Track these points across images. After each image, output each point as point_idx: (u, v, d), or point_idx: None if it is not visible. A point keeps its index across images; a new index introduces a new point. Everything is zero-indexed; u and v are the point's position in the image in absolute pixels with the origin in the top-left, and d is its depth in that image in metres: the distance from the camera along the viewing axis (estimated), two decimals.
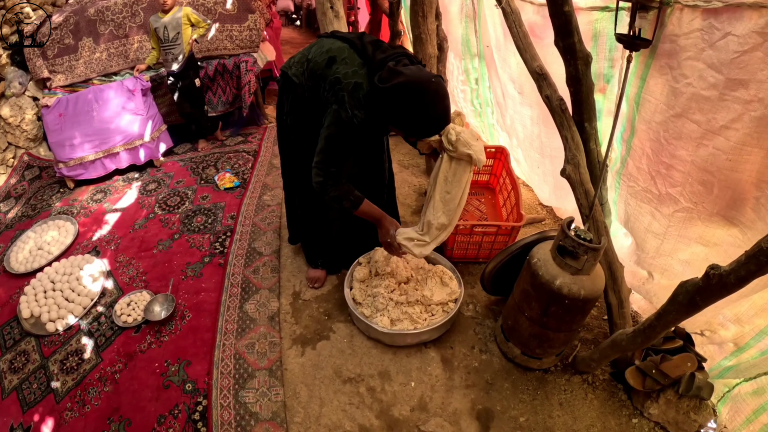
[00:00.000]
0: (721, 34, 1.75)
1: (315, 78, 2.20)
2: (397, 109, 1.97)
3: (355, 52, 2.15)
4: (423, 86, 1.92)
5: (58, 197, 4.20)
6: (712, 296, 1.56)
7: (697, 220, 2.14)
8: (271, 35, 5.50)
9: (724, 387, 2.20)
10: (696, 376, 2.10)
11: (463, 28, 3.93)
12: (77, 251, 3.47)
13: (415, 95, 1.91)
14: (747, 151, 1.82)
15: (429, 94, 1.92)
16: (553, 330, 2.25)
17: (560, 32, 2.00)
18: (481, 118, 4.44)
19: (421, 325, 2.54)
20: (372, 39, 2.23)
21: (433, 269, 2.81)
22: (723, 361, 2.22)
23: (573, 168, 2.24)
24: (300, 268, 3.12)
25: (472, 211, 3.57)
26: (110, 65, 4.66)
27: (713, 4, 1.74)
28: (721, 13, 1.73)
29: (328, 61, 2.15)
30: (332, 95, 2.11)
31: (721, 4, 1.71)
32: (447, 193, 2.35)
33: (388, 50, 2.14)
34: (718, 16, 1.75)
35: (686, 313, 1.71)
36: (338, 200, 2.26)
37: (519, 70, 2.99)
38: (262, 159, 4.54)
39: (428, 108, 1.94)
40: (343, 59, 2.13)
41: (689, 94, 1.94)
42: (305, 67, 2.25)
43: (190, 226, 3.62)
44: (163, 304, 2.90)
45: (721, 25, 1.75)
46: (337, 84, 2.09)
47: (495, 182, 3.72)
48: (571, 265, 2.06)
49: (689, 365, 2.11)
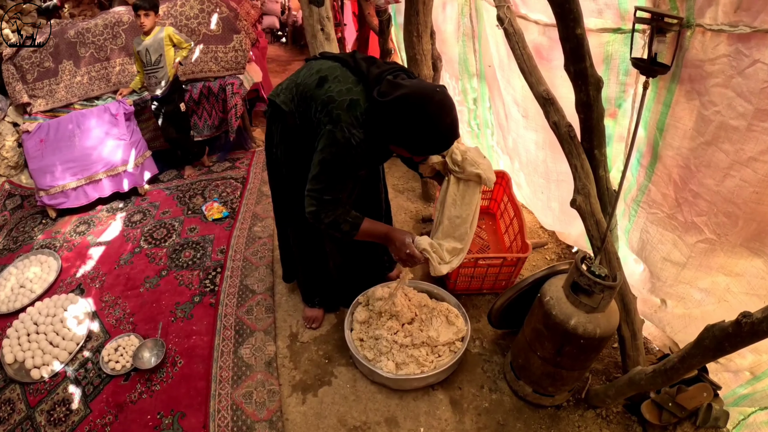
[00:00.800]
0: (749, 61, 1.65)
1: (305, 101, 2.00)
2: (400, 125, 1.79)
3: (348, 70, 1.98)
4: (427, 97, 1.75)
5: (41, 229, 4.04)
6: (743, 342, 1.49)
7: (720, 251, 2.06)
8: (257, 55, 5.38)
9: (739, 414, 2.14)
10: (713, 406, 2.05)
11: (460, 47, 3.82)
12: (60, 289, 3.32)
13: (419, 107, 1.74)
14: None
15: (434, 104, 1.75)
16: (567, 369, 2.17)
17: (571, 56, 1.89)
18: (479, 140, 4.34)
19: (428, 368, 2.43)
20: (365, 56, 2.07)
21: (438, 307, 2.69)
22: (738, 388, 2.15)
23: (583, 198, 2.14)
24: (296, 307, 2.98)
25: (473, 239, 3.42)
26: (92, 89, 4.51)
27: (740, 29, 1.63)
28: (749, 39, 1.63)
29: (319, 81, 1.97)
30: (325, 115, 1.91)
31: (749, 30, 1.61)
32: (457, 217, 2.17)
33: (383, 65, 1.99)
34: (745, 42, 1.65)
35: (712, 357, 1.65)
36: (335, 226, 2.03)
37: (524, 93, 2.88)
38: (251, 186, 4.39)
39: (435, 121, 1.76)
40: (335, 77, 1.95)
41: (718, 123, 1.84)
42: (294, 93, 2.06)
43: (178, 261, 3.47)
44: (153, 350, 2.75)
45: (749, 52, 1.64)
46: (330, 103, 1.89)
47: (495, 207, 3.62)
48: (585, 303, 1.98)
49: (705, 395, 2.04)
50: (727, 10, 1.66)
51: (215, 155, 5.01)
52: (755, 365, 2.05)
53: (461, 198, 2.15)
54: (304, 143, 2.09)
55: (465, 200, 2.15)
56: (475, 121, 4.20)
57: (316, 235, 2.48)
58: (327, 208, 1.99)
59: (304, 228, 2.47)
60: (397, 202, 3.93)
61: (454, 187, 2.16)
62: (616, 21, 2.18)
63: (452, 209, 2.17)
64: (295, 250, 2.67)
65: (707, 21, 1.75)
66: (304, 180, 2.07)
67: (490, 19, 3.08)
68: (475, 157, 2.10)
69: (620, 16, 2.14)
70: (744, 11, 1.61)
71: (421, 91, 1.76)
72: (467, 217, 2.17)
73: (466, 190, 2.15)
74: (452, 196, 2.16)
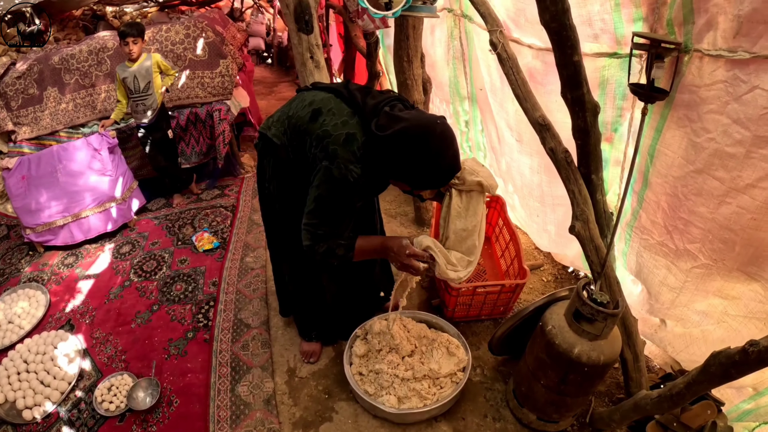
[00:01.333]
0: (748, 87, 1.64)
1: (299, 135, 1.95)
2: (401, 160, 1.74)
3: (343, 101, 1.93)
4: (429, 130, 1.71)
5: (28, 261, 3.96)
6: (749, 369, 1.47)
7: (717, 275, 2.06)
8: (244, 79, 5.35)
9: (743, 430, 2.12)
10: (717, 423, 2.03)
11: (450, 71, 3.82)
12: (50, 324, 3.25)
13: (421, 142, 1.70)
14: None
15: (436, 138, 1.71)
16: (571, 396, 2.15)
17: (569, 83, 1.87)
18: None
19: (430, 401, 2.39)
20: (359, 86, 2.03)
21: (438, 338, 2.64)
22: (741, 404, 2.14)
23: (582, 224, 2.12)
24: (292, 341, 2.92)
25: None
26: (77, 116, 4.41)
27: (739, 54, 1.63)
28: (748, 65, 1.62)
29: (313, 114, 1.91)
30: (321, 151, 1.85)
31: (749, 55, 1.60)
32: (463, 230, 2.11)
33: (378, 96, 1.95)
34: (744, 68, 1.64)
35: (718, 383, 1.63)
36: (330, 253, 1.96)
37: (517, 118, 2.86)
38: (241, 215, 4.34)
39: (438, 155, 1.72)
40: (329, 110, 1.90)
41: (712, 150, 1.84)
42: (287, 126, 2.01)
43: (170, 295, 3.40)
44: (147, 389, 2.68)
45: (747, 78, 1.63)
46: (326, 137, 1.83)
47: (491, 231, 3.59)
48: (588, 331, 1.96)
49: (709, 413, 2.01)
50: (726, 35, 1.66)
51: (204, 182, 4.96)
52: (758, 381, 2.04)
53: (465, 209, 2.11)
54: (297, 177, 2.05)
55: (470, 211, 2.10)
56: (467, 144, 4.19)
57: (312, 269, 2.43)
58: (321, 240, 1.94)
59: (299, 262, 2.43)
60: (389, 227, 3.90)
61: (457, 199, 2.10)
62: (612, 46, 2.19)
63: (457, 222, 2.11)
64: (291, 285, 2.62)
65: (705, 46, 1.75)
66: (298, 215, 2.02)
67: (480, 43, 3.07)
68: (474, 167, 2.07)
69: (616, 41, 2.15)
70: (743, 36, 1.61)
71: (422, 125, 1.72)
72: (474, 228, 2.12)
73: (470, 201, 2.11)
74: (456, 209, 2.11)
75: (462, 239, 2.12)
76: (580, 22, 2.15)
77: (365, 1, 2.40)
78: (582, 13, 2.18)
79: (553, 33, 1.74)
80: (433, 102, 4.09)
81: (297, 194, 2.07)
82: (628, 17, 2.05)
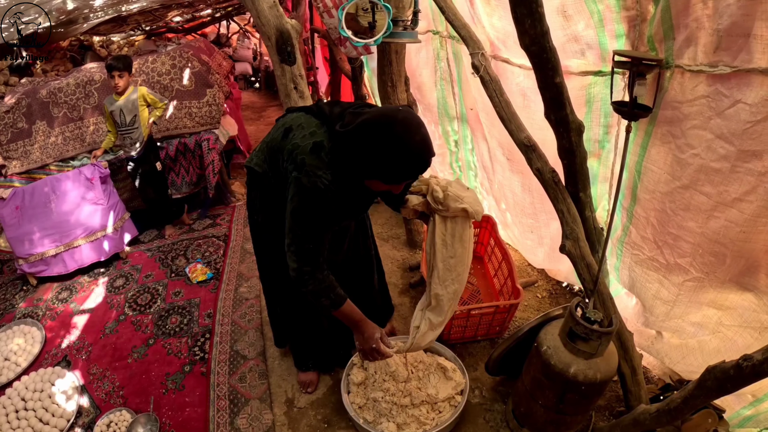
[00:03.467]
0: (730, 101, 1.66)
1: (274, 156, 1.94)
2: (367, 152, 1.67)
3: (312, 116, 1.91)
4: (391, 117, 1.65)
5: (22, 296, 3.94)
6: (744, 383, 1.49)
7: (709, 287, 2.09)
8: (231, 107, 5.37)
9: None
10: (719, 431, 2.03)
11: (439, 92, 3.83)
12: (46, 361, 3.23)
13: (383, 128, 1.64)
14: (762, 222, 1.77)
15: (399, 123, 1.63)
16: (570, 414, 2.16)
17: (552, 105, 1.88)
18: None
19: (429, 426, 2.38)
20: (330, 101, 2.04)
21: (434, 362, 2.63)
22: (742, 410, 2.14)
23: (572, 243, 2.13)
24: (290, 370, 2.90)
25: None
26: (67, 149, 4.41)
27: (720, 69, 1.65)
28: (729, 79, 1.65)
29: (284, 133, 1.90)
30: (290, 163, 1.82)
31: (729, 69, 1.62)
32: (451, 257, 2.10)
33: (345, 104, 1.94)
34: (725, 82, 1.66)
35: (715, 397, 1.66)
36: (316, 296, 1.93)
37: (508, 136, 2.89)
38: (234, 244, 4.34)
39: (403, 140, 1.62)
40: (299, 125, 1.89)
41: (697, 166, 1.86)
42: (266, 152, 2.00)
43: (165, 328, 3.39)
44: (146, 425, 2.66)
45: (729, 92, 1.66)
46: (294, 150, 1.81)
47: (483, 251, 3.60)
48: (583, 350, 1.98)
49: (710, 421, 2.03)
50: (706, 50, 1.68)
51: (195, 212, 4.96)
52: (756, 388, 2.03)
53: (451, 237, 2.09)
54: (282, 206, 2.01)
55: (456, 238, 2.09)
56: (457, 164, 4.20)
57: (305, 299, 2.40)
58: (309, 265, 1.89)
59: (291, 294, 2.43)
60: (382, 251, 3.84)
61: (441, 226, 2.09)
62: (597, 63, 2.20)
63: (444, 251, 2.10)
64: (284, 316, 2.62)
65: (686, 62, 1.77)
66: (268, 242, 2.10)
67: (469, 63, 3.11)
68: (458, 192, 2.04)
69: (601, 57, 2.16)
70: (723, 50, 1.63)
71: (384, 114, 1.69)
72: (462, 255, 2.11)
73: (455, 228, 2.09)
74: (441, 236, 2.09)
75: (451, 267, 2.12)
76: (566, 40, 2.19)
77: (346, 31, 2.42)
78: (567, 33, 2.20)
79: (534, 56, 1.75)
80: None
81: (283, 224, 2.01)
82: (611, 33, 2.07)
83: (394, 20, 2.52)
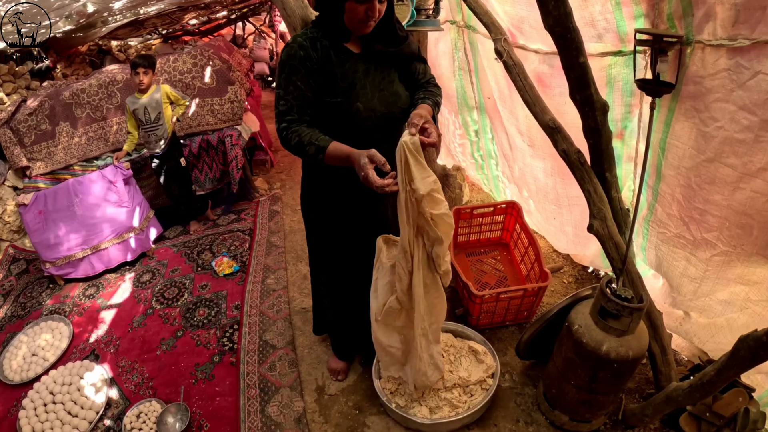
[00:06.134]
0: (750, 73, 1.70)
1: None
2: None
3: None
4: None
5: (48, 294, 4.00)
6: None
7: (737, 262, 2.11)
8: (252, 104, 5.43)
9: None
10: (750, 410, 2.04)
11: (457, 81, 3.87)
12: (74, 355, 3.27)
13: None
14: None
15: None
16: (603, 394, 2.18)
17: (576, 85, 1.91)
18: (483, 171, 4.37)
19: (462, 409, 2.41)
20: None
21: (465, 346, 2.66)
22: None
23: (600, 222, 2.15)
24: (319, 359, 2.94)
25: (489, 271, 3.45)
26: (90, 150, 4.47)
27: (739, 42, 1.69)
28: (749, 51, 1.68)
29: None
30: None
31: (749, 42, 1.65)
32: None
33: None
34: (745, 55, 1.70)
35: (749, 367, 1.66)
36: (301, 147, 1.85)
37: (528, 122, 2.91)
38: (259, 238, 4.38)
39: None
40: None
41: (721, 138, 1.89)
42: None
43: (193, 320, 3.43)
44: (177, 415, 2.69)
45: (749, 64, 1.69)
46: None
47: (508, 237, 3.62)
48: (615, 327, 1.99)
49: (740, 400, 2.05)
50: (725, 24, 1.72)
51: (219, 208, 5.02)
52: None
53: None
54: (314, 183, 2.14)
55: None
56: (478, 153, 4.23)
57: (349, 286, 2.44)
58: (282, 120, 1.89)
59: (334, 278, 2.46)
60: None
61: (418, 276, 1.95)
62: (616, 44, 2.25)
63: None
64: (330, 304, 2.64)
65: (706, 37, 1.81)
66: (318, 225, 2.16)
67: (486, 52, 3.11)
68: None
69: (620, 39, 2.21)
70: (742, 24, 1.67)
71: None
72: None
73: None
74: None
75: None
76: (583, 24, 2.23)
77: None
78: (584, 15, 2.24)
79: (558, 37, 1.78)
80: (442, 114, 4.13)
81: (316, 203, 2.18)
82: (629, 15, 2.11)
83: (417, 9, 2.57)
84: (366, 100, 1.91)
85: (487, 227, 3.61)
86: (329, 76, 1.89)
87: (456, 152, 4.57)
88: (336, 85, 1.89)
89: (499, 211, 3.50)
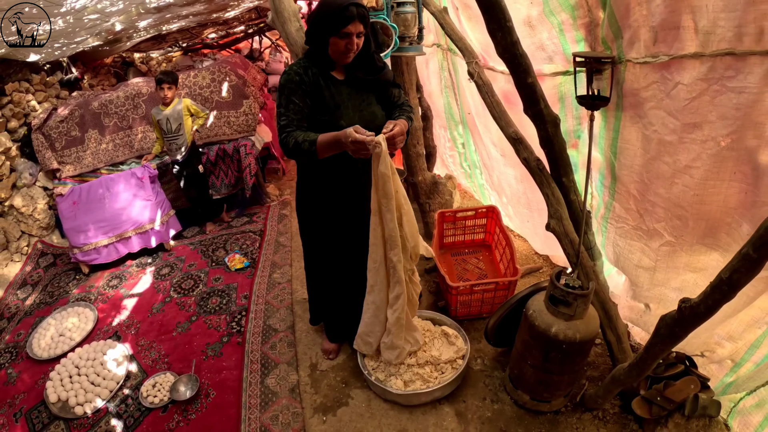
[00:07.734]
0: (673, 84, 1.95)
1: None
2: (310, 19, 2.14)
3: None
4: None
5: (75, 284, 4.35)
6: (689, 326, 1.67)
7: (681, 251, 2.28)
8: (266, 116, 5.76)
9: (730, 402, 2.28)
10: (700, 396, 2.17)
11: (444, 98, 4.16)
12: (98, 336, 3.60)
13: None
14: (710, 185, 2.00)
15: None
16: (556, 374, 2.37)
17: (527, 101, 2.18)
18: (471, 180, 4.63)
19: (432, 384, 2.65)
20: None
21: (438, 330, 2.94)
22: (725, 377, 2.30)
23: (557, 221, 2.41)
24: (314, 341, 3.24)
25: (471, 270, 3.72)
26: (116, 155, 4.89)
27: (660, 58, 1.95)
28: (670, 65, 1.94)
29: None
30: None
31: (668, 58, 1.92)
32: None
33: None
34: (667, 68, 1.95)
35: (670, 344, 1.80)
36: (298, 148, 2.10)
37: (499, 135, 3.11)
38: (269, 238, 4.71)
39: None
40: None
41: (657, 140, 2.12)
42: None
43: (206, 307, 3.79)
44: (188, 384, 2.99)
45: (671, 76, 1.95)
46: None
47: (491, 239, 3.88)
48: (564, 312, 2.19)
49: (692, 387, 2.18)
50: (648, 44, 2.00)
51: (233, 211, 5.36)
52: (734, 353, 2.21)
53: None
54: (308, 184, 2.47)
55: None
56: (466, 163, 4.51)
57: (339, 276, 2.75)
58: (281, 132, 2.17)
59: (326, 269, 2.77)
60: None
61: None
62: (565, 65, 2.52)
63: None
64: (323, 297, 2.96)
65: (634, 55, 2.08)
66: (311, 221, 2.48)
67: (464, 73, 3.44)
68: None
69: (567, 60, 2.48)
70: (661, 42, 1.94)
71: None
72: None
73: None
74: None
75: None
76: (534, 48, 2.51)
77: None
78: (534, 40, 2.53)
79: (507, 62, 2.08)
80: (434, 128, 4.42)
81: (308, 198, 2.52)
82: (572, 39, 2.39)
83: (401, 37, 2.90)
84: (348, 118, 2.27)
85: (470, 230, 3.88)
86: (319, 98, 2.26)
87: (448, 162, 4.84)
88: (324, 106, 2.27)
89: (480, 215, 3.77)
